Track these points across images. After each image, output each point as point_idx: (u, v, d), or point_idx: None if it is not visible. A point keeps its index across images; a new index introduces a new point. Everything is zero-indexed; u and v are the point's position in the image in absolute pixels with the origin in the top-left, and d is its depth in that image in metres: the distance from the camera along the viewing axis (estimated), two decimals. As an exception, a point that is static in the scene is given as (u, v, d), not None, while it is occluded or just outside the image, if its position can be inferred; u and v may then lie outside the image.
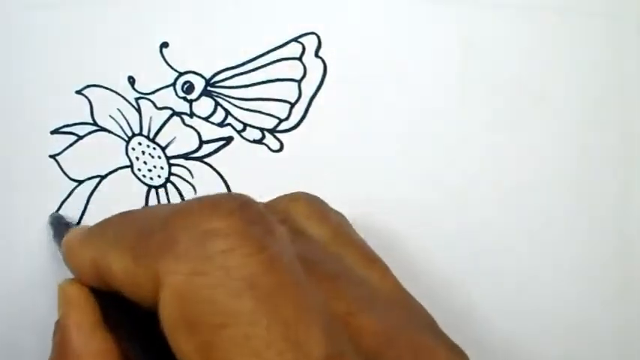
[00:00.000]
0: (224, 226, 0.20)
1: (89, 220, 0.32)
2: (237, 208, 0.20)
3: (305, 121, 0.32)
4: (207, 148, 0.32)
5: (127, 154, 0.32)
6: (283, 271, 0.20)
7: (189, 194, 0.32)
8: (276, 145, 0.32)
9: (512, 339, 0.33)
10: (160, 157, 0.32)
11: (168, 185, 0.32)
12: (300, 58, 0.32)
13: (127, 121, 0.32)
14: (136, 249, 0.21)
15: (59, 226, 0.31)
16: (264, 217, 0.21)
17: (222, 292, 0.19)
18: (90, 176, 0.32)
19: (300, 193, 0.27)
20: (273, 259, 0.20)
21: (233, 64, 0.32)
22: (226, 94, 0.32)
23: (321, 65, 0.32)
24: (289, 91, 0.32)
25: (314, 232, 0.25)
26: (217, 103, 0.32)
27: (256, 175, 0.32)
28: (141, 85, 0.32)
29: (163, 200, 0.32)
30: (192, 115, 0.32)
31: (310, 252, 0.23)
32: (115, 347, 0.23)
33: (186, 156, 0.32)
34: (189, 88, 0.32)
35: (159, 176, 0.32)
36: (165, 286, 0.20)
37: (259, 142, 0.32)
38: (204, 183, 0.32)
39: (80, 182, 0.32)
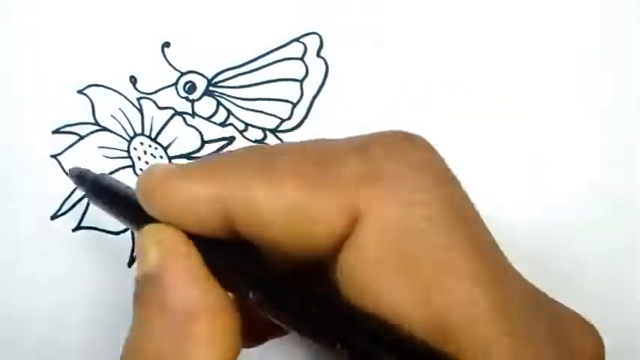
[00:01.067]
0: (432, 158, 0.19)
1: (90, 220, 0.32)
2: (428, 143, 0.20)
3: (307, 120, 0.32)
4: (209, 148, 0.32)
5: (128, 154, 0.32)
6: (473, 206, 0.19)
7: (190, 194, 0.32)
8: (278, 145, 0.32)
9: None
10: (162, 157, 0.32)
11: (170, 185, 0.32)
12: (302, 58, 0.32)
13: (128, 120, 0.32)
14: (316, 178, 0.18)
15: (88, 180, 0.26)
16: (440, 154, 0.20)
17: (440, 225, 0.18)
18: (91, 176, 0.32)
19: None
20: (465, 192, 0.19)
21: (235, 64, 0.32)
22: (228, 93, 0.32)
23: (323, 65, 0.32)
24: (291, 90, 0.32)
25: None
26: (219, 103, 0.32)
27: (258, 174, 0.32)
28: (143, 85, 0.32)
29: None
30: (194, 114, 0.32)
31: None
32: (234, 302, 0.19)
33: (188, 156, 0.32)
34: (191, 87, 0.32)
35: (160, 176, 0.32)
36: (370, 218, 0.18)
37: (261, 141, 0.32)
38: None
39: (82, 182, 0.32)
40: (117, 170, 0.32)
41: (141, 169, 0.32)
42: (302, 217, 0.18)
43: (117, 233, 0.32)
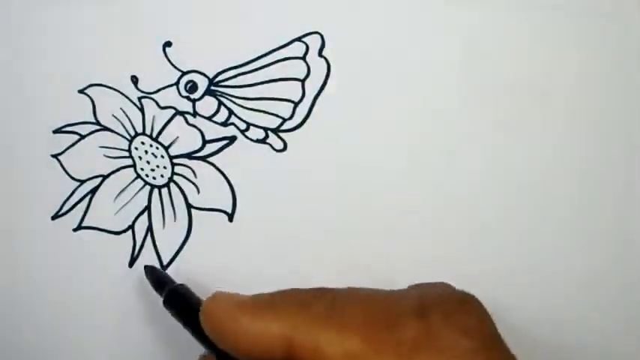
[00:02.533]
0: (480, 323, 0.22)
1: (90, 220, 0.32)
2: (479, 305, 0.22)
3: (308, 120, 0.32)
4: (210, 148, 0.32)
5: (129, 153, 0.32)
6: None
7: (192, 194, 0.32)
8: (279, 145, 0.32)
9: (514, 339, 0.32)
10: (163, 157, 0.32)
11: (172, 185, 0.32)
12: (303, 58, 0.32)
13: (129, 120, 0.32)
14: (377, 335, 0.21)
15: (159, 277, 0.30)
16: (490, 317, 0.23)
17: None
18: (92, 176, 0.32)
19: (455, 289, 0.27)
20: (511, 354, 0.22)
21: (236, 64, 0.32)
22: (230, 93, 0.32)
23: (325, 65, 0.32)
24: (293, 90, 0.32)
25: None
26: (221, 103, 0.32)
27: (260, 174, 0.32)
28: (144, 85, 0.32)
29: (166, 199, 0.32)
30: (195, 114, 0.32)
31: None
32: None
33: (189, 155, 0.32)
34: (192, 87, 0.32)
35: (162, 176, 0.32)
36: None
37: (263, 141, 0.32)
38: (208, 183, 0.32)
39: (82, 182, 0.32)
40: (117, 170, 0.32)
41: (142, 169, 0.32)
42: None
43: (118, 233, 0.32)
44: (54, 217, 0.32)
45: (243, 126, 0.32)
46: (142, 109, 0.32)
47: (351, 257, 0.32)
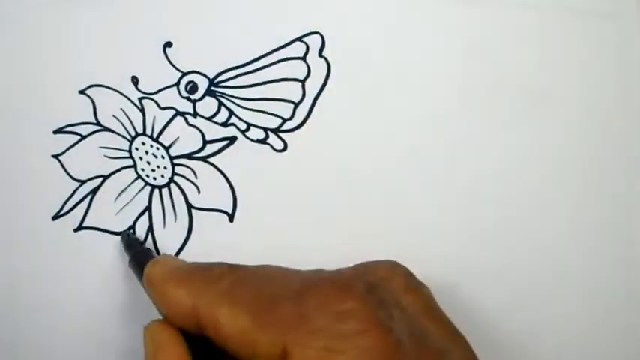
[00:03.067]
0: (356, 308, 0.22)
1: (91, 221, 0.32)
2: (367, 291, 0.23)
3: (309, 120, 0.32)
4: (210, 148, 0.32)
5: (130, 154, 0.32)
6: (403, 353, 0.22)
7: (192, 194, 0.32)
8: (279, 145, 0.32)
9: (514, 340, 0.32)
10: (163, 157, 0.32)
11: (172, 185, 0.32)
12: (303, 58, 0.32)
13: (130, 120, 0.32)
14: (261, 314, 0.23)
15: (130, 241, 0.31)
16: (386, 301, 0.23)
17: None
18: (93, 176, 0.32)
19: (397, 264, 0.28)
20: (396, 341, 0.22)
21: (237, 64, 0.32)
22: (230, 93, 0.32)
23: (325, 65, 0.32)
24: (293, 90, 0.32)
25: (407, 304, 0.25)
26: (221, 103, 0.32)
27: (260, 174, 0.32)
28: (144, 85, 0.32)
29: (166, 200, 0.32)
30: (195, 114, 0.32)
31: (414, 327, 0.24)
32: None
33: (189, 156, 0.32)
34: (192, 87, 0.32)
35: (162, 176, 0.32)
36: (294, 357, 0.21)
37: (263, 141, 0.32)
38: (208, 183, 0.32)
39: (83, 182, 0.32)
40: (118, 170, 0.32)
41: (142, 169, 0.32)
42: (248, 343, 0.23)
43: (118, 233, 0.32)
44: (54, 218, 0.32)
45: (243, 126, 0.32)
46: (142, 110, 0.32)
47: (351, 257, 0.32)
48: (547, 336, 0.32)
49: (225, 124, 0.32)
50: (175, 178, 0.32)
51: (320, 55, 0.32)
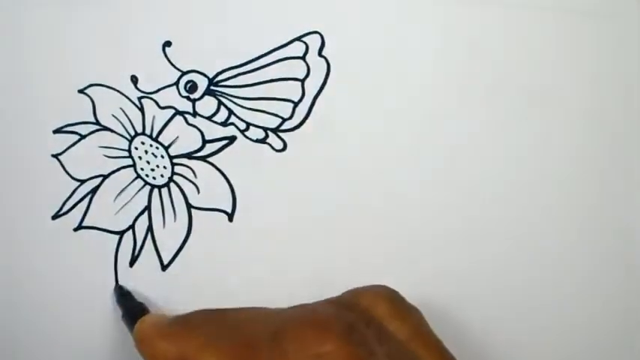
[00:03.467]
0: (335, 349, 0.22)
1: (91, 220, 0.32)
2: (346, 330, 0.23)
3: (308, 120, 0.32)
4: (210, 148, 0.32)
5: (129, 153, 0.32)
6: None
7: (192, 194, 0.32)
8: (279, 145, 0.32)
9: (514, 340, 0.33)
10: (162, 157, 0.32)
11: (172, 185, 0.32)
12: (303, 58, 0.32)
13: (129, 120, 0.32)
14: (241, 358, 0.23)
15: (122, 296, 0.31)
16: (367, 339, 0.23)
17: None
18: (92, 176, 0.32)
19: (381, 288, 0.27)
20: None
21: (236, 64, 0.32)
22: (229, 93, 0.32)
23: (325, 64, 0.32)
24: (292, 90, 0.32)
25: (396, 330, 0.25)
26: (220, 103, 0.32)
27: (259, 174, 0.32)
28: (144, 84, 0.32)
29: (166, 199, 0.32)
30: (195, 114, 0.32)
31: (403, 354, 0.24)
32: None
33: (189, 155, 0.32)
34: (192, 87, 0.32)
35: (162, 175, 0.32)
36: None
37: (262, 141, 0.32)
38: (208, 182, 0.32)
39: (82, 182, 0.32)
40: (117, 170, 0.32)
41: (142, 169, 0.32)
42: None
43: (118, 233, 0.32)
44: (54, 217, 0.32)
45: (243, 126, 0.32)
46: (141, 109, 0.32)
47: (351, 257, 0.32)
48: (547, 336, 0.33)
49: (224, 124, 0.32)
50: (175, 177, 0.32)
51: (320, 54, 0.32)
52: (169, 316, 0.28)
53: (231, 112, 0.32)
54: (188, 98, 0.32)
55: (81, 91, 0.32)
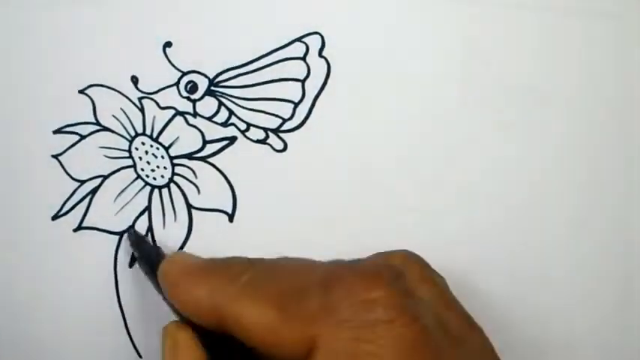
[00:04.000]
0: (383, 296, 0.22)
1: (91, 220, 0.32)
2: (394, 279, 0.23)
3: (309, 120, 0.32)
4: (210, 148, 0.32)
5: (130, 153, 0.32)
6: (432, 340, 0.22)
7: (192, 194, 0.32)
8: (279, 145, 0.32)
9: (514, 340, 0.32)
10: (163, 157, 0.32)
11: (172, 185, 0.32)
12: (303, 58, 0.32)
13: (130, 120, 0.32)
14: (286, 308, 0.22)
15: (137, 239, 0.31)
16: (413, 290, 0.23)
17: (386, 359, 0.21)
18: (92, 176, 0.32)
19: (412, 254, 0.27)
20: (425, 328, 0.22)
21: (237, 64, 0.32)
22: (230, 93, 0.32)
23: (325, 65, 0.32)
24: (293, 90, 0.32)
25: (424, 294, 0.25)
26: (221, 103, 0.32)
27: (260, 175, 0.32)
28: (144, 85, 0.32)
29: (166, 200, 0.32)
30: (195, 114, 0.32)
31: (434, 315, 0.24)
32: None
33: (189, 156, 0.32)
34: (192, 87, 0.32)
35: (162, 176, 0.32)
36: (322, 349, 0.21)
37: (263, 142, 0.32)
38: (208, 183, 0.32)
39: (83, 182, 0.32)
40: (118, 170, 0.32)
41: (142, 169, 0.32)
42: (274, 337, 0.22)
43: (118, 233, 0.32)
44: (54, 218, 0.32)
45: (243, 126, 0.32)
46: (142, 110, 0.32)
47: (350, 257, 0.32)
48: (547, 336, 0.32)
49: (225, 124, 0.32)
50: (175, 177, 0.32)
51: (320, 55, 0.32)
52: (201, 258, 0.26)
53: (231, 113, 0.32)
54: (188, 99, 0.32)
55: (81, 92, 0.32)
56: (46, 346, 0.32)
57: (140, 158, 0.32)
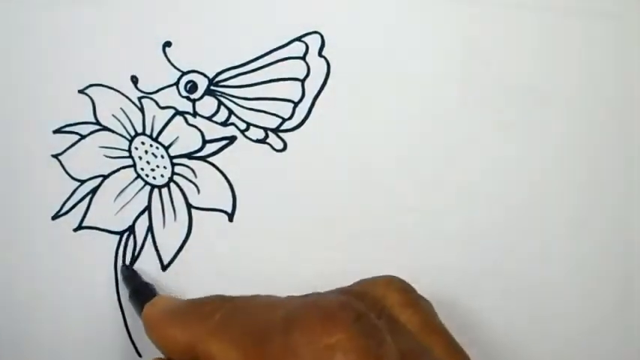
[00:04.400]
0: (343, 339, 0.22)
1: (91, 220, 0.32)
2: (355, 320, 0.22)
3: (308, 120, 0.32)
4: (210, 148, 0.32)
5: (129, 153, 0.32)
6: None
7: (192, 194, 0.32)
8: (279, 145, 0.32)
9: (513, 341, 0.32)
10: (163, 157, 0.32)
11: (172, 185, 0.32)
12: (303, 58, 0.32)
13: (129, 120, 0.32)
14: (250, 349, 0.23)
15: (128, 275, 0.31)
16: (377, 329, 0.22)
17: None
18: (92, 176, 0.32)
19: (393, 278, 0.27)
20: None
21: (236, 64, 0.32)
22: (230, 93, 0.32)
23: (325, 64, 0.32)
24: (293, 90, 0.32)
25: (406, 320, 0.25)
26: (220, 103, 0.32)
27: (260, 174, 0.32)
28: (144, 85, 0.32)
29: (166, 199, 0.32)
30: (195, 114, 0.32)
31: (408, 347, 0.24)
32: None
33: (189, 155, 0.32)
34: (192, 87, 0.32)
35: (162, 176, 0.32)
36: None
37: (262, 141, 0.32)
38: (208, 183, 0.32)
39: (83, 182, 0.32)
40: (118, 170, 0.32)
41: (142, 169, 0.32)
42: None
43: (118, 233, 0.32)
44: (54, 217, 0.32)
45: (243, 126, 0.32)
46: (142, 109, 0.32)
47: (351, 257, 0.32)
48: (546, 337, 0.32)
49: (224, 124, 0.32)
50: (175, 177, 0.32)
51: (320, 54, 0.32)
52: (180, 300, 0.27)
53: (231, 112, 0.32)
54: (188, 98, 0.32)
55: (81, 91, 0.32)
56: (46, 346, 0.32)
57: (140, 158, 0.32)
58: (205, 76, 0.32)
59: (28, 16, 0.32)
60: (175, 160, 0.32)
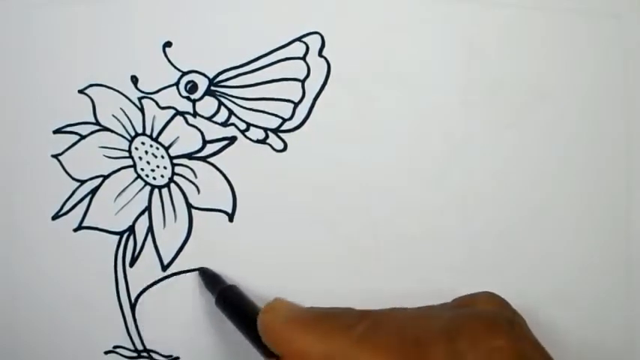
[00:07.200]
0: (506, 343, 0.23)
1: (91, 220, 0.32)
2: (510, 327, 0.24)
3: (309, 120, 0.32)
4: (210, 148, 0.32)
5: (129, 153, 0.32)
6: None
7: (192, 194, 0.32)
8: (279, 145, 0.32)
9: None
10: (163, 157, 0.32)
11: (172, 185, 0.32)
12: (303, 58, 0.32)
13: (129, 120, 0.32)
14: (409, 357, 0.23)
15: (212, 280, 0.31)
16: (527, 334, 0.24)
17: None
18: (92, 176, 0.32)
19: (496, 296, 0.28)
20: None
21: (237, 64, 0.32)
22: (230, 93, 0.32)
23: (325, 65, 0.32)
24: (293, 90, 0.32)
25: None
26: (221, 103, 0.32)
27: (260, 174, 0.32)
28: (144, 85, 0.32)
29: (166, 200, 0.32)
30: (195, 114, 0.32)
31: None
32: None
33: (189, 156, 0.32)
34: (192, 87, 0.32)
35: (162, 176, 0.32)
36: None
37: (263, 141, 0.32)
38: (208, 183, 0.32)
39: (83, 182, 0.32)
40: (118, 170, 0.32)
41: (142, 169, 0.32)
42: None
43: (118, 233, 0.32)
44: (54, 217, 0.32)
45: (243, 126, 0.32)
46: (142, 110, 0.32)
47: (351, 257, 0.32)
48: (547, 337, 0.32)
49: (224, 124, 0.32)
50: (175, 177, 0.32)
51: (320, 55, 0.32)
52: (301, 307, 0.27)
53: (231, 113, 0.32)
54: (188, 98, 0.32)
55: (81, 91, 0.32)
56: (45, 345, 0.32)
57: (140, 158, 0.32)
58: (205, 76, 0.32)
59: (28, 16, 0.32)
60: (175, 161, 0.32)
